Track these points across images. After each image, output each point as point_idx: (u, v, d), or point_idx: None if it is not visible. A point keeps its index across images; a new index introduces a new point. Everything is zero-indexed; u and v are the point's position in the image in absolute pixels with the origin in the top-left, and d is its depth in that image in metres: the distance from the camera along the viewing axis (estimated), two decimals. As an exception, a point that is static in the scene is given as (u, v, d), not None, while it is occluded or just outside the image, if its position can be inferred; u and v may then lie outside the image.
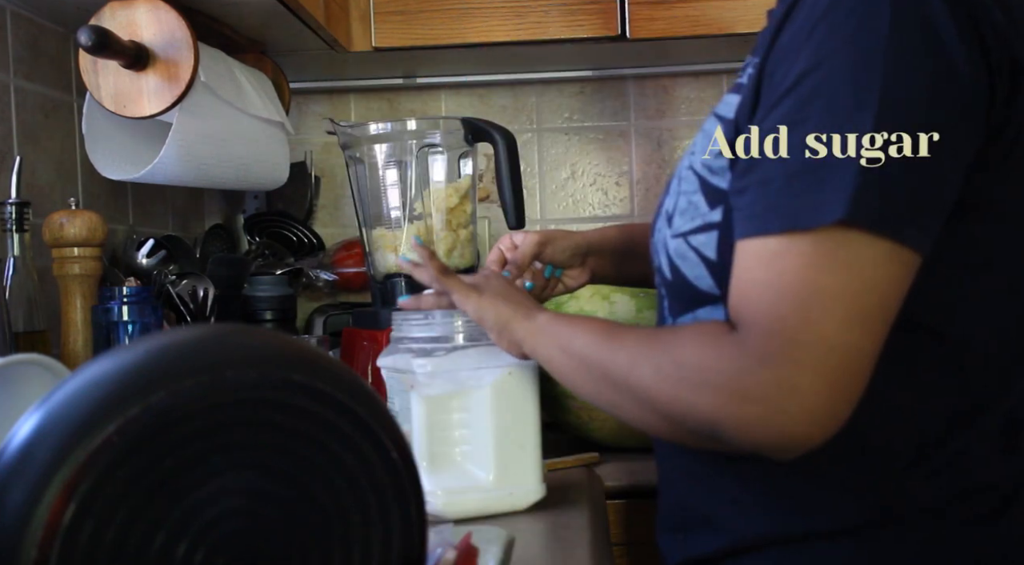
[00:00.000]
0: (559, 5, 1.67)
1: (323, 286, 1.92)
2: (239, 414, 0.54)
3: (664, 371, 0.77)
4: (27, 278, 1.20)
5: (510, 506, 1.01)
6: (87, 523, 0.50)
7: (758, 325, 0.73)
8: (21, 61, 1.36)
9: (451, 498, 0.99)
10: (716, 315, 0.85)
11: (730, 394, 0.72)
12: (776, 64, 0.77)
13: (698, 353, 0.76)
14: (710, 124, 0.86)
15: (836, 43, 0.73)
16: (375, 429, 0.58)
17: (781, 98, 0.75)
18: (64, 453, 0.50)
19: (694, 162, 0.87)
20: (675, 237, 0.87)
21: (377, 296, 1.48)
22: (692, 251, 0.85)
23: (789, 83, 0.75)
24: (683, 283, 0.87)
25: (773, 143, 0.74)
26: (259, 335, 0.60)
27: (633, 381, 0.80)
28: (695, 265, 0.85)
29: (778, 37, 0.77)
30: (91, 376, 0.54)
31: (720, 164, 0.83)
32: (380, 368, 1.10)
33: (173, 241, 1.59)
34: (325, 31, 1.55)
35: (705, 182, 0.84)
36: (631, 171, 2.04)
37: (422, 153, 1.44)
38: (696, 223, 0.85)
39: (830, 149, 0.71)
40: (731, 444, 0.74)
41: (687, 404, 0.75)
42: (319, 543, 0.56)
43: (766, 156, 0.75)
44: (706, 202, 0.84)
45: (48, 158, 1.41)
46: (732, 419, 0.72)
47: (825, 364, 0.70)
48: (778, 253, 0.72)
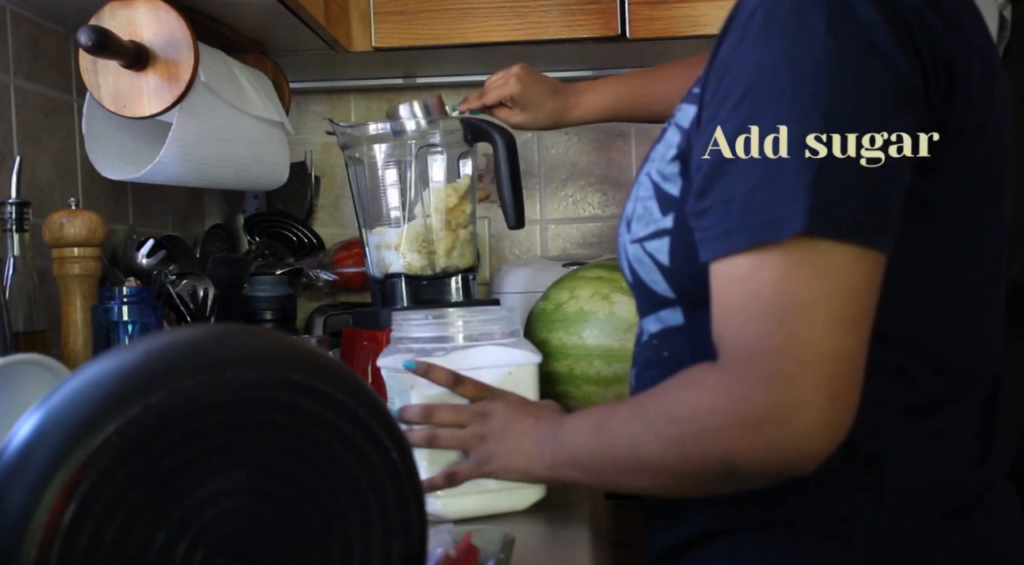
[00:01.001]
0: (559, 5, 1.67)
1: (323, 286, 1.92)
2: (239, 414, 0.54)
3: (664, 435, 0.77)
4: (27, 278, 1.20)
5: (510, 506, 1.01)
6: (87, 523, 0.50)
7: (743, 350, 0.72)
8: (21, 61, 1.36)
9: (451, 498, 0.99)
10: (676, 316, 0.87)
11: (733, 429, 0.72)
12: (718, 78, 0.77)
13: (689, 402, 0.76)
14: (671, 132, 0.87)
15: (776, 55, 0.73)
16: (375, 429, 0.58)
17: (729, 113, 0.75)
18: (64, 453, 0.50)
19: (651, 169, 0.88)
20: (633, 242, 0.88)
21: (377, 296, 1.48)
22: (647, 256, 0.86)
23: (734, 99, 0.75)
24: (643, 286, 0.89)
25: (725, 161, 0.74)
26: (259, 335, 0.60)
27: (645, 461, 0.79)
28: (651, 270, 0.86)
29: (718, 50, 0.78)
30: (91, 376, 0.54)
31: (672, 170, 0.84)
32: (380, 368, 1.10)
33: (173, 241, 1.59)
34: (325, 31, 1.55)
35: (658, 188, 0.85)
36: (631, 171, 2.04)
37: (422, 153, 1.44)
38: (650, 229, 0.86)
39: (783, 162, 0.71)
40: (752, 477, 0.74)
41: (698, 457, 0.75)
42: (319, 543, 0.56)
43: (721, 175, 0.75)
44: (659, 208, 0.85)
45: (48, 158, 1.41)
46: (742, 452, 0.72)
47: (818, 372, 0.70)
48: (750, 271, 0.73)
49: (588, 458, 0.86)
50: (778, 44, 0.73)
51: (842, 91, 0.72)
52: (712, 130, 0.76)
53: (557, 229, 2.06)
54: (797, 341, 0.70)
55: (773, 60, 0.73)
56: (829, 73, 0.71)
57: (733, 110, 0.75)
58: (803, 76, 0.72)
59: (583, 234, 2.05)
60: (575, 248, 2.05)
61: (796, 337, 0.70)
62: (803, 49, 0.72)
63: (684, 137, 0.83)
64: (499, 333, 1.05)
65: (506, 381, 1.01)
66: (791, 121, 0.72)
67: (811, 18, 0.72)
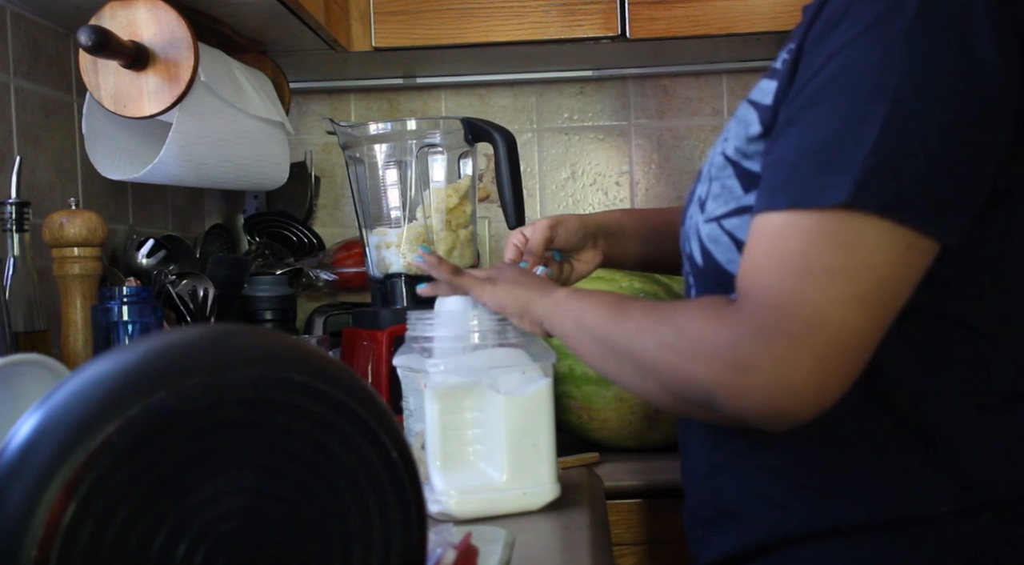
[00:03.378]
0: (559, 5, 1.67)
1: (323, 286, 1.92)
2: (239, 414, 0.54)
3: (665, 341, 0.79)
4: (27, 278, 1.20)
5: (524, 506, 1.01)
6: (87, 523, 0.50)
7: (757, 297, 0.74)
8: (21, 61, 1.36)
9: (464, 497, 0.99)
10: None
11: (724, 363, 0.74)
12: (809, 49, 0.77)
13: (698, 324, 0.77)
14: (744, 110, 0.86)
15: (860, 27, 0.74)
16: (375, 429, 0.58)
17: (807, 82, 0.76)
18: (64, 453, 0.50)
19: (727, 148, 0.87)
20: (708, 222, 0.88)
21: (377, 296, 1.48)
22: (725, 235, 0.86)
23: (814, 69, 0.76)
24: (715, 268, 0.88)
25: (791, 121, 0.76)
26: (259, 335, 0.60)
27: (636, 351, 0.82)
28: (727, 249, 0.86)
29: (813, 23, 0.78)
30: (91, 376, 0.54)
31: (754, 148, 0.84)
32: (396, 367, 1.10)
33: (173, 241, 1.59)
34: (325, 31, 1.55)
35: (739, 166, 0.85)
36: (631, 171, 2.04)
37: (422, 153, 1.44)
38: (730, 207, 0.86)
39: (843, 132, 0.72)
40: (724, 413, 0.75)
41: (685, 372, 0.77)
42: (319, 543, 0.56)
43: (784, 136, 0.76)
44: (740, 186, 0.85)
45: (48, 158, 1.41)
46: (725, 388, 0.74)
47: (816, 339, 0.71)
48: (782, 229, 0.74)
49: (592, 321, 0.89)
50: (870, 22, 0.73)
51: (919, 72, 0.72)
52: (793, 95, 0.77)
53: (557, 229, 2.06)
54: (805, 304, 0.71)
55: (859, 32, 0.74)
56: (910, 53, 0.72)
57: (813, 76, 0.76)
58: (883, 51, 0.72)
59: (583, 234, 2.05)
60: (575, 248, 2.05)
61: (805, 300, 0.71)
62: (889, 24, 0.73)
63: (764, 111, 0.83)
64: (513, 332, 1.05)
65: (521, 381, 1.01)
66: (860, 92, 0.72)
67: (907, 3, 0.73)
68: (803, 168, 0.74)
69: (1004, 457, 0.80)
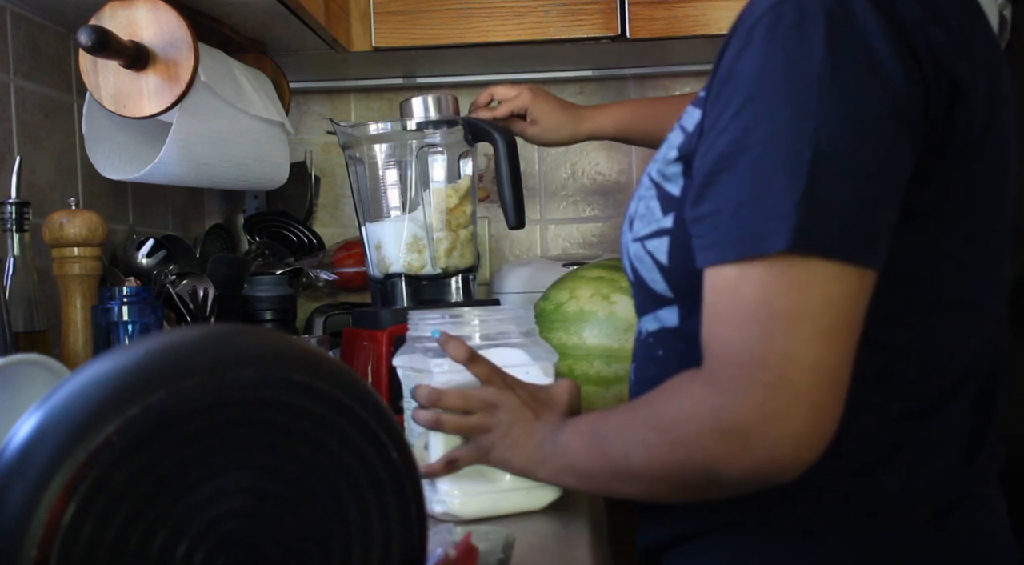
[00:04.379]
0: (559, 5, 1.67)
1: (323, 286, 1.92)
2: (239, 414, 0.54)
3: (650, 443, 0.78)
4: (27, 278, 1.20)
5: (527, 505, 1.01)
6: (87, 523, 0.50)
7: (727, 356, 0.73)
8: (21, 61, 1.36)
9: (468, 498, 0.99)
10: (672, 316, 0.87)
11: (712, 438, 0.73)
12: (720, 86, 0.77)
13: (673, 409, 0.77)
14: (674, 133, 0.88)
15: (776, 69, 0.73)
16: (375, 429, 0.58)
17: (725, 126, 0.75)
18: (64, 453, 0.50)
19: (652, 169, 0.89)
20: (634, 241, 0.89)
21: (377, 296, 1.48)
22: (647, 255, 0.87)
23: (733, 109, 0.75)
24: (643, 285, 0.89)
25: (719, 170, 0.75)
26: (259, 335, 0.60)
27: (634, 469, 0.80)
28: (651, 269, 0.87)
29: (721, 58, 0.79)
30: (91, 376, 0.54)
31: (673, 171, 0.85)
32: (396, 367, 1.10)
33: (173, 241, 1.59)
34: (325, 31, 1.55)
35: (660, 188, 0.86)
36: (631, 171, 2.04)
37: (422, 153, 1.44)
38: (651, 228, 0.87)
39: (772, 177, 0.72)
40: (733, 485, 0.74)
41: (680, 464, 0.76)
42: (319, 543, 0.56)
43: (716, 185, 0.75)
44: (660, 208, 0.86)
45: (48, 158, 1.41)
46: (722, 460, 0.73)
47: (796, 383, 0.70)
48: (735, 282, 0.73)
49: (584, 465, 0.86)
50: (778, 57, 0.73)
51: (836, 109, 0.72)
52: (711, 138, 0.77)
53: (557, 229, 2.06)
54: (776, 351, 0.71)
55: (771, 73, 0.73)
56: (823, 91, 0.72)
57: (731, 120, 0.75)
58: (798, 92, 0.72)
59: (583, 234, 2.05)
60: (575, 248, 2.05)
61: (775, 347, 0.71)
62: (800, 65, 0.73)
63: (687, 139, 0.84)
64: (516, 332, 1.04)
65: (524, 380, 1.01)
66: (783, 137, 0.72)
67: (810, 33, 0.73)
68: (742, 218, 0.73)
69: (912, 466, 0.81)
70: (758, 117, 0.73)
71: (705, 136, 0.78)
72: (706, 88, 0.81)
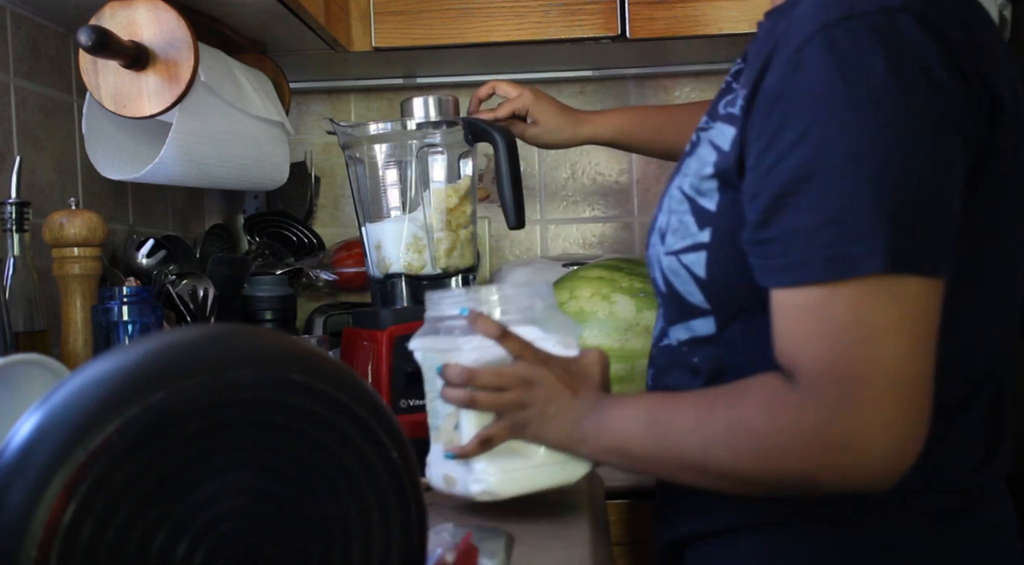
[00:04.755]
0: (559, 5, 1.67)
1: (323, 286, 1.92)
2: (239, 414, 0.54)
3: (741, 447, 0.80)
4: (27, 278, 1.20)
5: (563, 479, 0.99)
6: (87, 523, 0.50)
7: (822, 374, 0.75)
8: (21, 61, 1.36)
9: (505, 475, 0.97)
10: (708, 326, 0.88)
11: (818, 451, 0.75)
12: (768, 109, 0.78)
13: (768, 420, 0.78)
14: (704, 150, 0.88)
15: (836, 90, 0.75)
16: (375, 429, 0.58)
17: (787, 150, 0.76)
18: (64, 453, 0.50)
19: (684, 184, 0.90)
20: (668, 254, 0.90)
21: (377, 296, 1.48)
22: (683, 269, 0.89)
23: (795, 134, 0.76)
24: (676, 296, 0.90)
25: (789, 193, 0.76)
26: (259, 335, 0.60)
27: (713, 467, 0.82)
28: (687, 281, 0.89)
29: (761, 80, 0.79)
30: (91, 376, 0.54)
31: (708, 186, 0.86)
32: (414, 350, 1.06)
33: (173, 241, 1.59)
34: (325, 31, 1.55)
35: (694, 203, 0.88)
36: (631, 171, 2.04)
37: (422, 153, 1.44)
38: (687, 242, 0.88)
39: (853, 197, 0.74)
40: (831, 491, 0.77)
41: (777, 472, 0.78)
42: (319, 543, 0.56)
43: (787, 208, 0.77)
44: (695, 223, 0.87)
45: (48, 158, 1.41)
46: (827, 471, 0.76)
47: (897, 395, 0.73)
48: (823, 302, 0.75)
49: (642, 451, 0.88)
50: (839, 80, 0.75)
51: (905, 129, 0.74)
52: (771, 161, 0.77)
53: (557, 229, 2.06)
54: (874, 365, 0.73)
55: (834, 96, 0.75)
56: (891, 111, 0.74)
57: (795, 145, 0.76)
58: (866, 114, 0.74)
59: (583, 234, 2.05)
60: (575, 248, 2.05)
61: (873, 361, 0.73)
62: (865, 86, 0.74)
63: (722, 157, 0.85)
64: (538, 307, 1.02)
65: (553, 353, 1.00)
66: (858, 159, 0.74)
67: (869, 56, 0.74)
68: (823, 239, 0.74)
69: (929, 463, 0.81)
70: (828, 140, 0.75)
71: (760, 159, 0.79)
72: (742, 108, 0.82)
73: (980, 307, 0.84)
